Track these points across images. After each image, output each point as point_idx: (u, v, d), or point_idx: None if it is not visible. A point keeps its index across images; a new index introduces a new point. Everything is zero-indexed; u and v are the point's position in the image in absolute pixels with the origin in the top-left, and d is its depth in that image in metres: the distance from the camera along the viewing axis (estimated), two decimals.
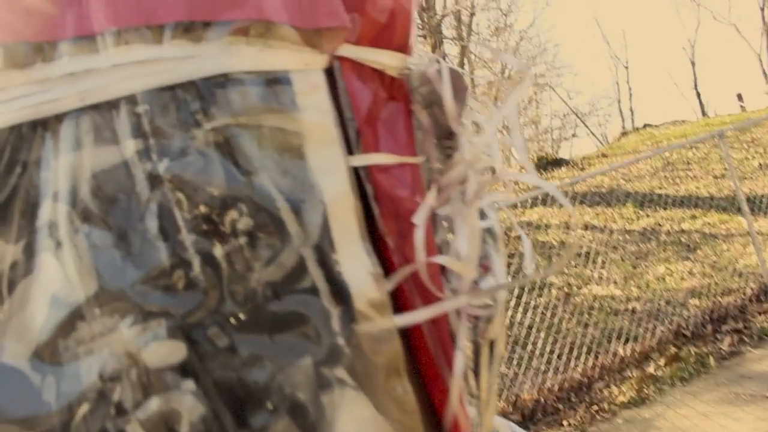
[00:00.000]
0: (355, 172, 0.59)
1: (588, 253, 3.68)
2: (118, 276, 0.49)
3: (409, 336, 0.60)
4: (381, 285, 0.56)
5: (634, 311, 3.72)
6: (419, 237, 0.61)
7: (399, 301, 0.60)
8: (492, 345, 0.70)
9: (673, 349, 3.38)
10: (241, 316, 0.50)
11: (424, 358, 0.61)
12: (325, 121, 0.57)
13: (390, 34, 0.65)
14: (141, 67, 0.52)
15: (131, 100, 0.51)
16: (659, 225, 4.83)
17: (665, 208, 5.00)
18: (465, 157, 0.69)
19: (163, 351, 0.48)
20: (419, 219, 0.62)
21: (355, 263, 0.54)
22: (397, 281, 0.58)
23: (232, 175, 0.51)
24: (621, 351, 3.38)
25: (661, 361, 3.32)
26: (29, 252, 0.50)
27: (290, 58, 0.57)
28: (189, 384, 0.48)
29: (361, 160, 0.59)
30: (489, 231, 0.73)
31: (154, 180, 0.50)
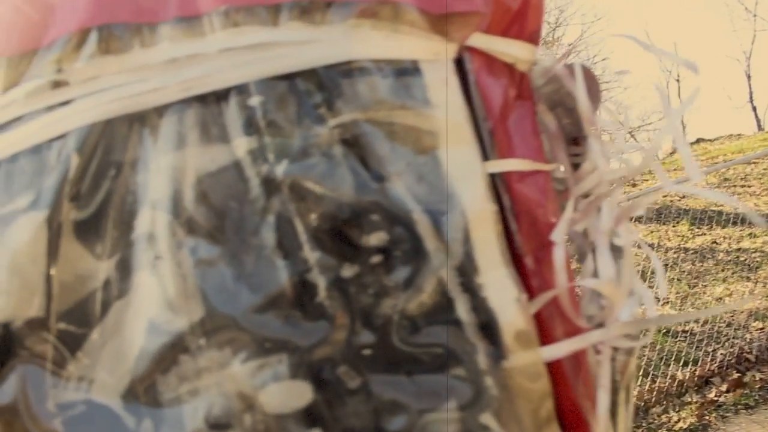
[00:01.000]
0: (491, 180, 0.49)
1: (643, 272, 3.52)
2: (229, 300, 0.40)
3: (549, 373, 0.50)
4: (527, 314, 0.46)
5: (692, 333, 3.53)
6: (560, 257, 0.52)
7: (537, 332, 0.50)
8: (628, 382, 0.60)
9: (735, 374, 3.19)
10: (375, 351, 0.40)
11: (565, 399, 0.51)
12: (458, 120, 0.48)
13: (522, 23, 0.56)
14: (254, 53, 0.43)
15: (242, 90, 0.43)
16: (716, 243, 4.60)
17: (722, 226, 4.78)
18: (599, 166, 0.59)
19: (285, 393, 0.39)
20: (558, 236, 0.52)
21: (501, 288, 0.45)
22: (537, 308, 0.48)
23: (363, 181, 0.42)
24: (679, 374, 3.20)
25: (723, 387, 3.13)
26: (124, 269, 0.41)
27: (419, 46, 0.48)
28: None
29: (498, 165, 0.49)
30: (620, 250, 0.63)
31: (270, 185, 0.41)
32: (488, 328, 0.43)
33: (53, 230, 0.41)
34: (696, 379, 3.22)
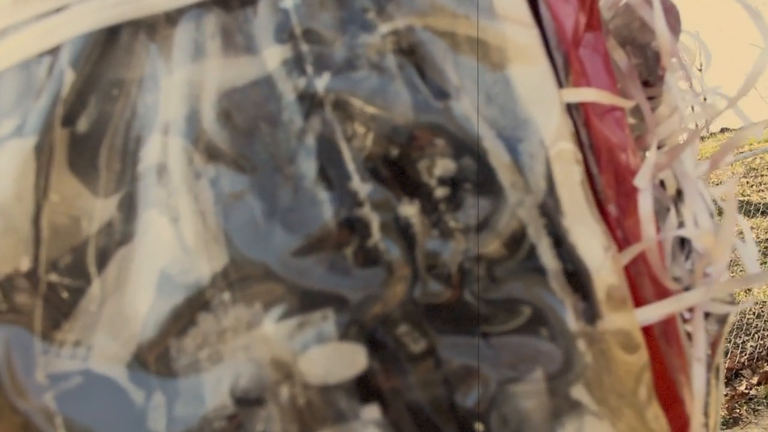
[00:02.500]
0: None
1: None
2: (259, 243, 0.31)
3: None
4: (618, 267, 0.37)
5: None
6: (646, 206, 0.42)
7: None
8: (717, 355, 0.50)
9: (766, 367, 3.06)
10: (443, 307, 0.31)
11: (657, 373, 0.41)
12: (529, 39, 0.38)
13: None
14: None
15: None
16: (743, 234, 4.43)
17: (749, 216, 4.61)
18: (679, 108, 0.50)
19: (332, 359, 0.30)
20: (643, 181, 0.43)
21: (589, 234, 0.35)
22: (626, 262, 0.39)
23: (423, 99, 0.33)
24: None
25: (754, 379, 3.00)
26: (128, 208, 0.33)
27: None
28: (372, 411, 0.30)
29: (575, 95, 0.40)
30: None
31: (309, 103, 0.32)
32: (578, 279, 0.34)
33: (43, 161, 0.33)
34: (726, 371, 3.09)
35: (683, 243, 0.49)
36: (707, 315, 0.48)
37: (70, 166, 0.33)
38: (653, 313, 0.39)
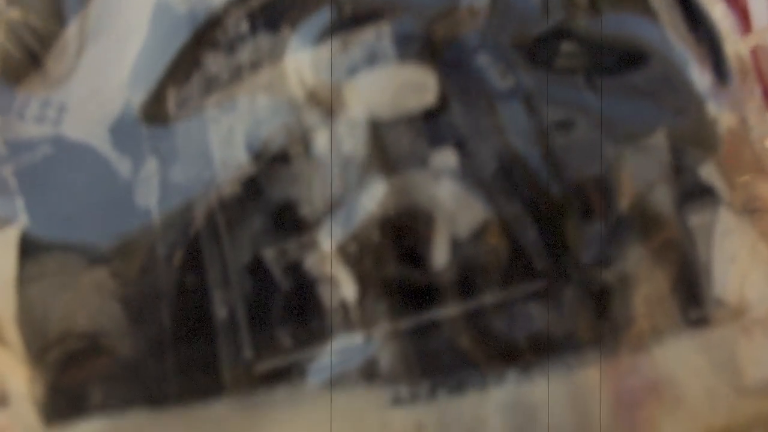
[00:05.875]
0: None
1: None
2: None
3: None
4: (745, 45, 0.28)
5: None
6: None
7: None
8: None
9: None
10: (534, 39, 0.22)
11: None
12: None
13: None
14: None
15: None
16: None
17: None
18: None
19: (390, 87, 0.21)
20: None
21: None
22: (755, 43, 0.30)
23: None
24: None
25: None
26: None
27: None
28: (446, 157, 0.20)
29: None
30: None
31: None
32: (702, 30, 0.25)
33: None
34: None
35: None
36: None
37: None
38: None
